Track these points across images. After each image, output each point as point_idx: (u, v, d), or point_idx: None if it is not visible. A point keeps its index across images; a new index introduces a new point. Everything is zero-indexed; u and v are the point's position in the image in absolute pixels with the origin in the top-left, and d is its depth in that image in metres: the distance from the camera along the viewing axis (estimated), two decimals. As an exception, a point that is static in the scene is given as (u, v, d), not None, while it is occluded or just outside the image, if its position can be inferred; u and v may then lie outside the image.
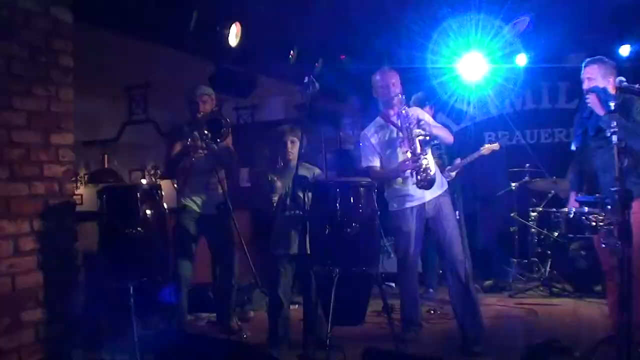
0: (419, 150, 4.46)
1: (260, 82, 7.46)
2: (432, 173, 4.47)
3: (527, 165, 7.03)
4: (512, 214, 7.07)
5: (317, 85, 4.07)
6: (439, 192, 4.65)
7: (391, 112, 4.71)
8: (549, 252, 6.82)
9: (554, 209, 6.71)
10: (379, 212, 4.05)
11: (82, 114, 4.64)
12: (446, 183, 4.82)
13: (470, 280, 4.63)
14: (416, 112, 4.72)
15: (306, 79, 4.01)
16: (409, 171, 4.50)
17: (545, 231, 6.94)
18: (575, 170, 4.99)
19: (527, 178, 7.00)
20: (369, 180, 4.09)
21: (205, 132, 4.53)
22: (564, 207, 6.57)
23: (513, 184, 7.03)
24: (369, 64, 5.86)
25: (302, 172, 4.30)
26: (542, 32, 6.77)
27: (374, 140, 4.75)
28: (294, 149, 4.56)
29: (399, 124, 4.59)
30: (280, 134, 4.63)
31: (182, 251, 4.97)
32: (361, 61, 7.25)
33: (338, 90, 7.86)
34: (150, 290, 3.99)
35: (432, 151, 4.77)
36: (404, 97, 4.55)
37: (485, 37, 6.69)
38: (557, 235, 6.58)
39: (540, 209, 7.04)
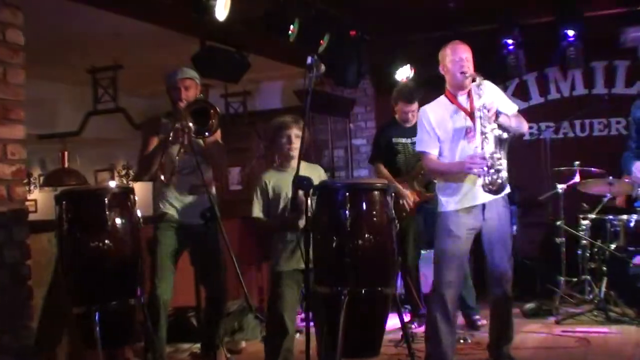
0: (492, 149, 4.32)
1: (253, 63, 7.45)
2: (504, 177, 4.34)
3: (577, 163, 6.97)
4: (558, 223, 7.02)
5: (322, 67, 4.03)
6: (501, 195, 4.52)
7: (460, 94, 4.56)
8: (605, 268, 6.75)
9: (610, 216, 6.65)
10: (396, 220, 4.01)
11: (36, 101, 4.62)
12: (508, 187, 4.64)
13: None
14: (493, 94, 4.54)
15: (309, 60, 3.97)
16: (475, 170, 4.36)
17: (599, 243, 6.87)
18: (630, 157, 4.98)
19: (576, 179, 6.94)
20: (384, 181, 4.05)
21: (190, 124, 4.49)
22: (622, 213, 6.56)
23: (559, 186, 6.97)
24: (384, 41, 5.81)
25: (305, 172, 4.09)
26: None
27: (434, 122, 4.57)
28: (297, 144, 4.50)
29: (471, 111, 4.46)
30: (281, 126, 4.59)
31: (160, 269, 4.93)
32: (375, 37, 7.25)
33: (348, 73, 7.83)
34: (119, 317, 3.95)
35: None
36: (481, 80, 4.40)
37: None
38: (615, 248, 6.53)
39: (594, 216, 6.97)
